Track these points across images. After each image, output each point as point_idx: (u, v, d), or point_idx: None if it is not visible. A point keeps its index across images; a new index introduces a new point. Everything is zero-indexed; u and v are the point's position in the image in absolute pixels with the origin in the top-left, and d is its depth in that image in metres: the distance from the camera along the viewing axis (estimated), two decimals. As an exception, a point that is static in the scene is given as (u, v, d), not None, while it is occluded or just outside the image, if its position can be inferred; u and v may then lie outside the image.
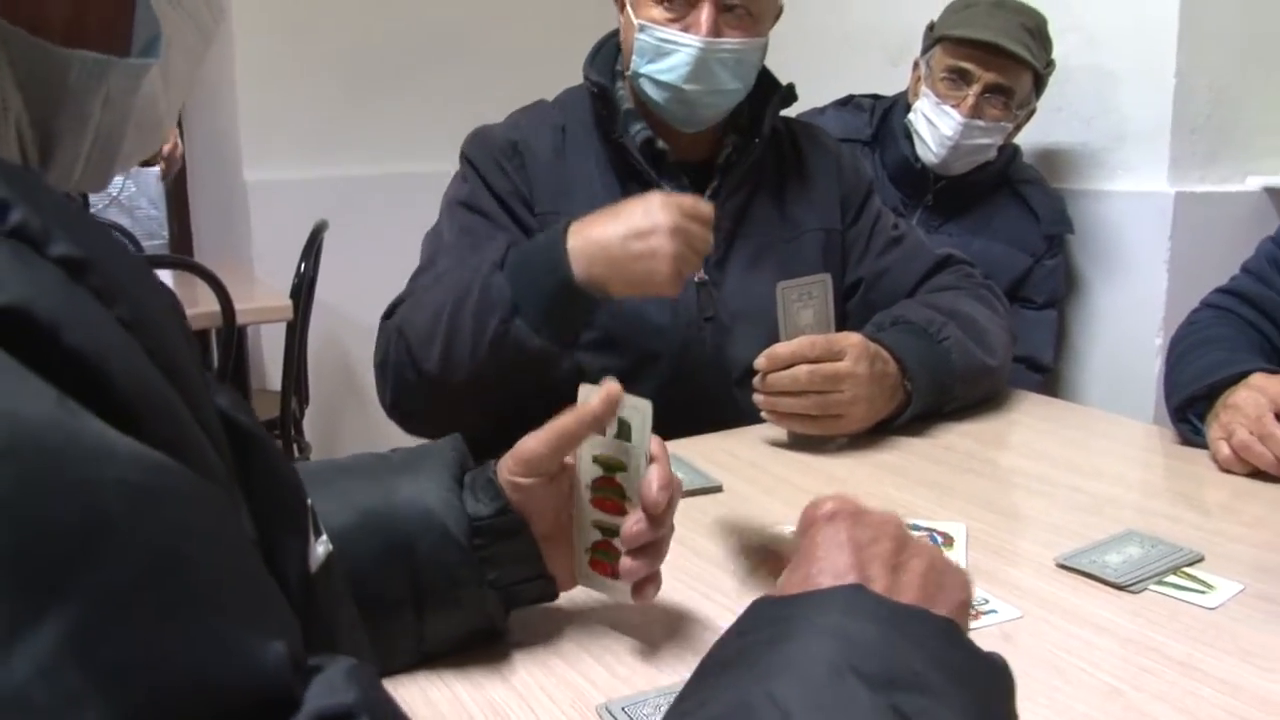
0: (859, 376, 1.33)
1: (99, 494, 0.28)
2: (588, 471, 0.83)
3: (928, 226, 2.12)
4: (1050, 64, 2.08)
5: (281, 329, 2.89)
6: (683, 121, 1.51)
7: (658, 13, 1.45)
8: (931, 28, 2.12)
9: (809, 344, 1.33)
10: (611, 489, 0.82)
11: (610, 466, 0.81)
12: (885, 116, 2.22)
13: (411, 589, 0.76)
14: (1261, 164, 2.23)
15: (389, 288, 1.47)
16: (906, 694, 0.47)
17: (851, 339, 1.36)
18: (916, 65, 2.15)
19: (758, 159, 1.55)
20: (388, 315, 1.43)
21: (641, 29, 1.45)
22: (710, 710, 0.48)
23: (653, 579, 0.82)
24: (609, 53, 1.59)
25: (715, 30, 1.43)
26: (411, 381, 1.34)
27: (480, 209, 1.49)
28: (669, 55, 1.45)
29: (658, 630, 0.86)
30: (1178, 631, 0.86)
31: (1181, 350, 1.46)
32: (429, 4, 3.34)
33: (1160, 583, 0.94)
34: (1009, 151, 2.18)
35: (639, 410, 0.80)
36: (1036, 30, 2.04)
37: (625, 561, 0.80)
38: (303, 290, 2.86)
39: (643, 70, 1.47)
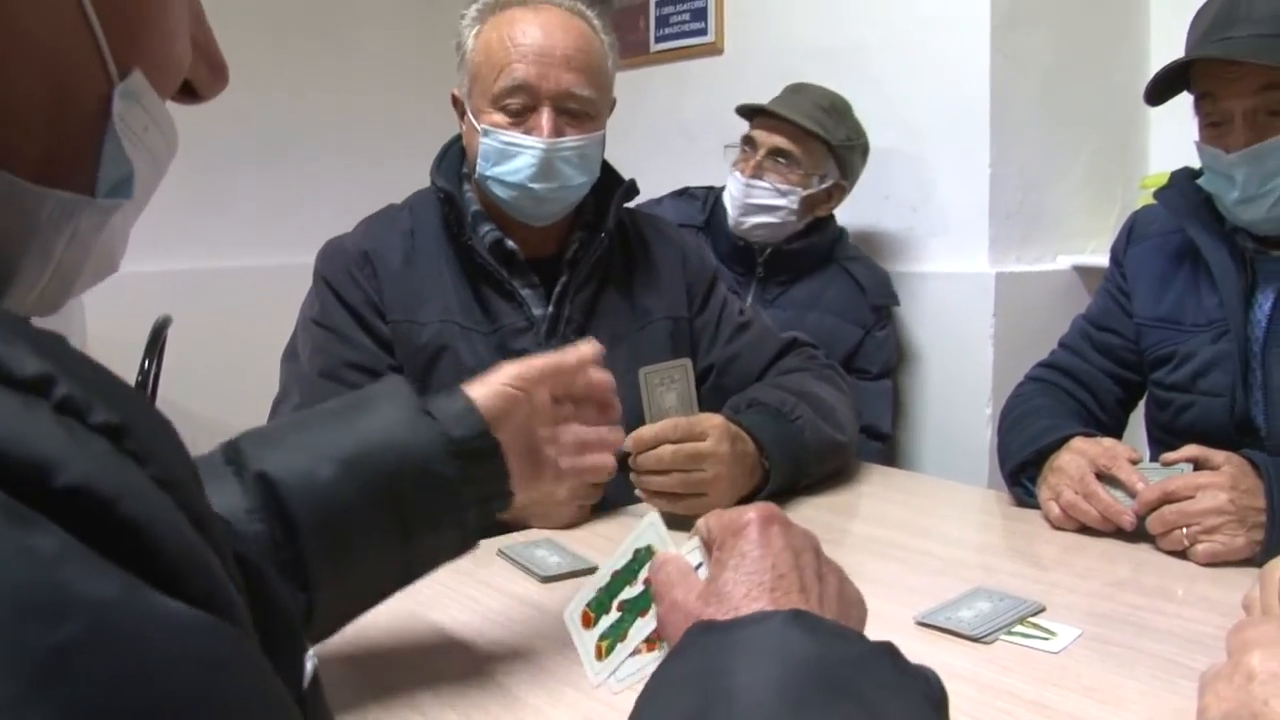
0: (721, 455, 1.40)
1: (177, 671, 0.30)
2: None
3: (762, 302, 2.23)
4: (853, 142, 2.25)
5: (125, 429, 2.81)
6: (533, 216, 1.56)
7: (499, 118, 1.50)
8: None
9: (672, 425, 1.40)
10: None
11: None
12: (716, 203, 2.36)
13: (400, 520, 0.82)
14: (1069, 244, 2.43)
15: (237, 385, 1.48)
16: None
17: (713, 420, 1.43)
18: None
19: (604, 253, 1.61)
20: None
21: (485, 133, 1.51)
22: None
23: None
24: (454, 156, 1.64)
25: (556, 131, 1.50)
26: None
27: (332, 326, 1.51)
28: (514, 158, 1.50)
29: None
30: (1028, 675, 0.94)
31: (1011, 421, 1.58)
32: (273, 97, 3.35)
33: (1009, 633, 1.03)
34: (834, 231, 2.33)
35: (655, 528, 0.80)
36: (831, 108, 2.23)
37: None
38: (147, 388, 2.80)
39: (489, 173, 1.52)
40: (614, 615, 0.79)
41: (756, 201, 2.21)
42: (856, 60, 2.46)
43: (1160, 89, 1.46)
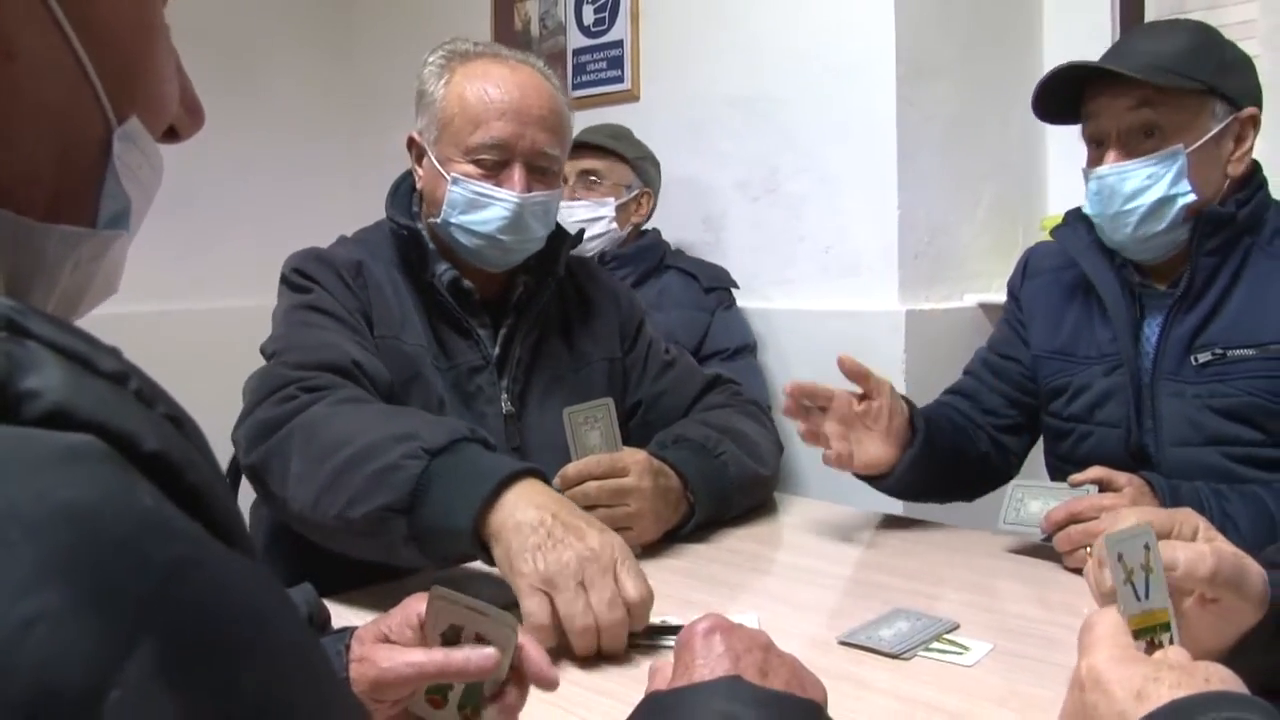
0: (643, 490, 1.44)
1: (251, 588, 0.38)
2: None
3: None
4: (644, 155, 2.53)
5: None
6: (494, 264, 1.59)
7: (471, 169, 1.54)
8: None
9: (595, 462, 1.44)
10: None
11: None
12: None
13: None
14: (975, 283, 2.53)
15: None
16: None
17: (636, 456, 1.47)
18: None
19: (548, 297, 1.66)
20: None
21: (455, 182, 1.54)
22: None
23: None
24: (405, 194, 1.66)
25: (527, 187, 1.54)
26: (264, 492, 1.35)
27: (328, 310, 1.50)
28: (485, 208, 1.53)
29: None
30: (945, 688, 1.00)
31: None
32: (183, 144, 3.33)
33: (926, 649, 1.09)
34: (658, 241, 2.53)
35: (509, 628, 0.80)
36: (616, 134, 2.52)
37: None
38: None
39: (455, 220, 1.55)
40: (459, 687, 0.81)
41: (580, 218, 2.39)
42: (769, 109, 2.55)
43: (1050, 109, 1.56)
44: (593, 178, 2.46)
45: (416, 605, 0.83)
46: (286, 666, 0.38)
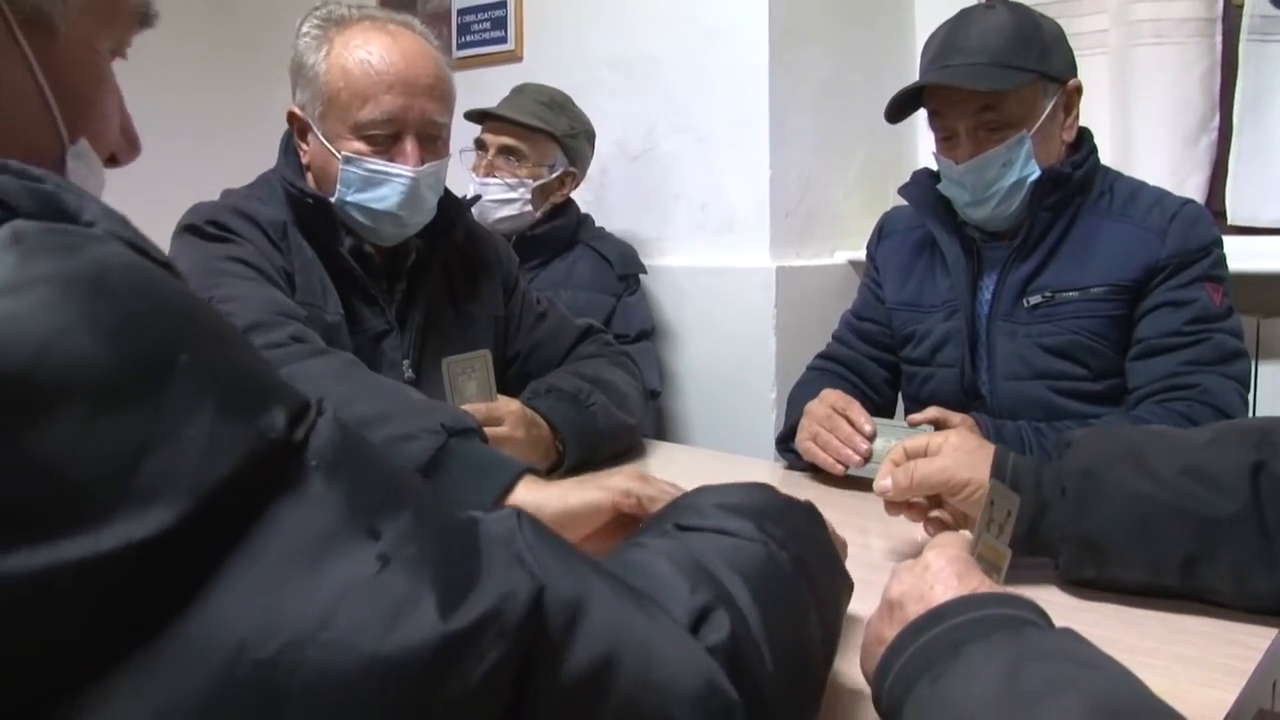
0: (517, 439, 1.49)
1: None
2: None
3: None
4: (576, 131, 2.40)
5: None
6: (389, 239, 1.61)
7: (361, 146, 1.53)
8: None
9: (472, 411, 1.50)
10: None
11: None
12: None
13: None
14: (845, 241, 2.63)
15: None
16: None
17: (511, 406, 1.53)
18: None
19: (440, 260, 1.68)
20: None
21: (348, 160, 1.53)
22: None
23: None
24: (295, 155, 1.62)
25: (420, 160, 1.54)
26: None
27: (257, 266, 1.46)
28: (381, 185, 1.53)
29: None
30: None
31: (789, 403, 1.76)
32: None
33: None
34: (575, 216, 2.46)
35: None
36: (552, 103, 2.38)
37: None
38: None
39: (350, 199, 1.54)
40: None
41: (492, 198, 2.33)
42: (648, 69, 2.61)
43: (899, 108, 1.66)
44: (511, 156, 2.35)
45: None
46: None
